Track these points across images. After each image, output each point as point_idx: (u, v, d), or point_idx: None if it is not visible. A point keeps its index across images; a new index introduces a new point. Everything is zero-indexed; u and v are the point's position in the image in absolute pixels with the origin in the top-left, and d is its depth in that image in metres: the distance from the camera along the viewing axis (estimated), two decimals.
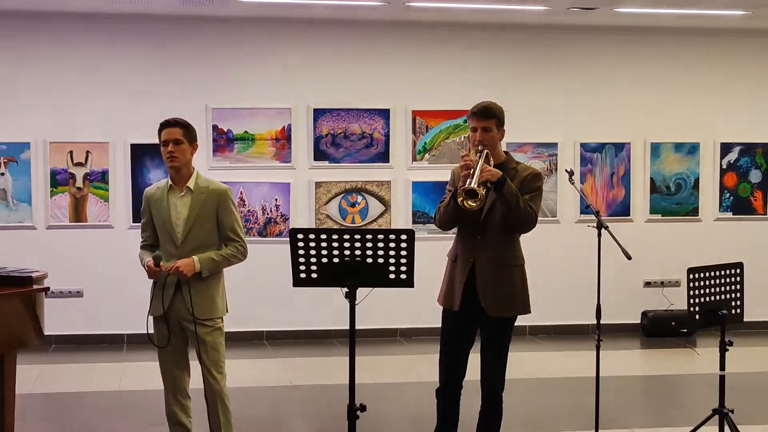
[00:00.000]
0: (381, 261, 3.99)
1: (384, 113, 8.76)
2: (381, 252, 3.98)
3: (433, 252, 6.27)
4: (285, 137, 8.63)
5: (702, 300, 4.88)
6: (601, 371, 5.34)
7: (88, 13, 8.21)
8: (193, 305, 4.51)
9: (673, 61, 9.18)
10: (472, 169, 4.29)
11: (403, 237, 3.97)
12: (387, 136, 8.77)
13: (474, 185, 4.24)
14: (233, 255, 4.62)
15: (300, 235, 4.02)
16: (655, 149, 9.17)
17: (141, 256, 4.68)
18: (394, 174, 8.80)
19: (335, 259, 3.99)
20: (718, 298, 4.94)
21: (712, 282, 4.92)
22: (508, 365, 4.56)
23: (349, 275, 3.99)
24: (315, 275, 4.04)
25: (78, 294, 8.39)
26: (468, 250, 4.49)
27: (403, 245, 3.97)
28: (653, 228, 9.18)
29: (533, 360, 7.92)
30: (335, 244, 3.98)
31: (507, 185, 4.34)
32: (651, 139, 9.15)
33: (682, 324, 8.72)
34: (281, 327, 8.71)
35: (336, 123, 8.70)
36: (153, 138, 4.80)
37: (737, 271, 5.02)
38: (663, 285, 9.18)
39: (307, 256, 4.01)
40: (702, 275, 4.89)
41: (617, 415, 6.15)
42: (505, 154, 4.60)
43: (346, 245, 3.98)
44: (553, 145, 9.00)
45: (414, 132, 8.81)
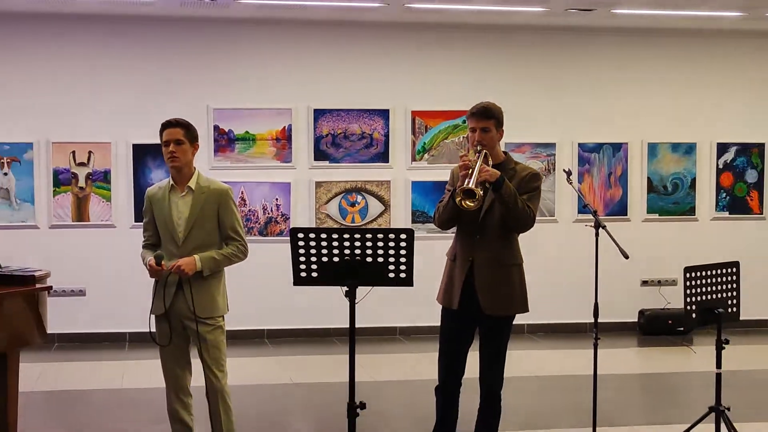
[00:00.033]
0: (381, 260, 3.99)
1: (384, 113, 8.79)
2: (381, 251, 3.98)
3: (433, 251, 6.32)
4: (285, 137, 8.66)
5: (698, 299, 4.91)
6: (599, 369, 5.35)
7: (90, 15, 8.23)
8: (195, 304, 4.52)
9: (670, 62, 9.20)
10: (470, 169, 4.29)
11: (403, 236, 3.98)
12: (387, 136, 8.80)
13: (472, 185, 4.24)
14: (234, 254, 4.64)
15: (300, 235, 4.03)
16: (652, 149, 9.20)
17: (143, 255, 4.70)
18: (393, 174, 8.83)
19: (335, 258, 4.00)
20: (714, 296, 4.96)
21: (708, 281, 4.94)
22: (506, 363, 4.58)
23: (349, 274, 4.00)
24: (315, 274, 4.05)
25: (80, 293, 8.43)
26: (467, 249, 4.50)
27: (403, 244, 3.98)
28: (650, 227, 9.20)
29: (532, 358, 7.93)
30: (335, 243, 3.99)
31: (505, 185, 4.35)
32: (648, 139, 9.18)
33: (678, 322, 8.75)
34: (282, 325, 8.74)
35: (336, 123, 8.73)
36: (155, 138, 4.81)
37: (733, 270, 5.05)
38: (660, 284, 9.21)
39: (308, 255, 4.02)
40: (698, 274, 4.92)
41: (615, 413, 6.16)
42: (504, 154, 4.60)
43: (346, 244, 3.98)
44: (551, 145, 9.03)
45: (413, 132, 8.84)
